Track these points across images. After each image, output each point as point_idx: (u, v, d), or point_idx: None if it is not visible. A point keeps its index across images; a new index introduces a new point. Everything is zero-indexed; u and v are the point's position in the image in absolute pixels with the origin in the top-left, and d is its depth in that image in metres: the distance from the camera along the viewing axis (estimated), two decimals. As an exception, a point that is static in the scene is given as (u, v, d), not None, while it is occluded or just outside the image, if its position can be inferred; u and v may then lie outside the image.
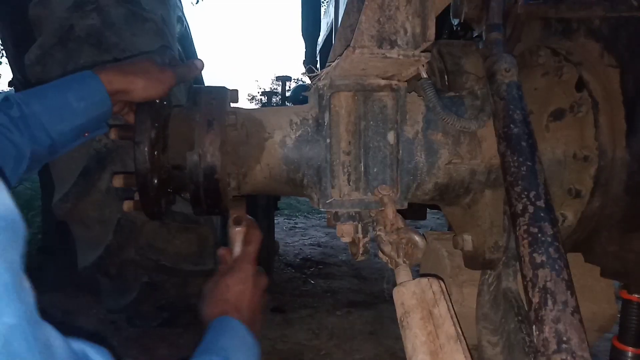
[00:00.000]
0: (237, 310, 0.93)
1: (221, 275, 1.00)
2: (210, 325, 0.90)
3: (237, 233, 1.07)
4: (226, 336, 0.88)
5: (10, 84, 4.16)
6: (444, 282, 0.89)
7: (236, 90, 1.10)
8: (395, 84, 1.02)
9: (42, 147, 0.87)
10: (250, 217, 1.09)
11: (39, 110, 0.86)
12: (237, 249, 1.06)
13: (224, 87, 1.09)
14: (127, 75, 0.93)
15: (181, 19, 3.52)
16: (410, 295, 0.86)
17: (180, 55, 3.47)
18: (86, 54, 2.56)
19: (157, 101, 1.00)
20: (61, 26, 2.61)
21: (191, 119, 1.02)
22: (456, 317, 0.85)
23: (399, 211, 1.01)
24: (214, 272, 1.04)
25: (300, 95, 4.95)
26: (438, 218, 7.04)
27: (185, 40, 3.79)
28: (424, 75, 0.98)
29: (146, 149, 0.94)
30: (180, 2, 3.55)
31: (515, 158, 0.87)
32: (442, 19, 1.27)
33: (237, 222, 1.08)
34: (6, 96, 0.86)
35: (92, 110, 0.91)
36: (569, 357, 0.68)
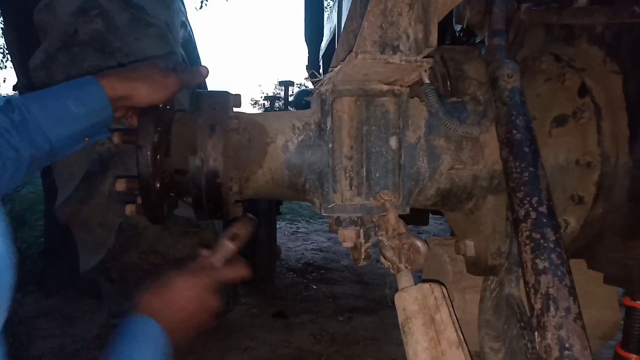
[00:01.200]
0: (163, 315, 0.93)
1: (182, 272, 1.00)
2: (128, 324, 0.90)
3: (227, 248, 1.06)
4: (137, 342, 0.88)
5: (14, 87, 4.18)
6: (446, 288, 0.89)
7: (239, 95, 1.10)
8: (398, 89, 1.02)
9: (41, 152, 0.87)
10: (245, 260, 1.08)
11: (38, 115, 0.85)
12: (218, 262, 1.05)
13: (226, 92, 1.09)
14: (130, 81, 0.94)
15: (185, 24, 3.54)
16: (412, 300, 0.86)
17: (184, 59, 3.49)
18: (90, 58, 2.58)
19: (160, 105, 1.00)
20: (66, 31, 2.62)
21: (194, 124, 1.02)
22: (458, 323, 0.85)
23: (400, 216, 1.01)
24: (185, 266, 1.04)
25: (302, 100, 4.97)
26: (440, 223, 7.03)
27: (189, 45, 3.81)
28: (427, 80, 0.98)
29: (149, 153, 0.95)
30: (184, 7, 3.57)
31: (517, 164, 0.87)
32: (445, 25, 1.27)
33: (232, 238, 1.07)
34: (8, 99, 0.86)
35: (92, 116, 0.91)
36: (571, 364, 0.67)
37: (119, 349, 0.86)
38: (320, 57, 5.21)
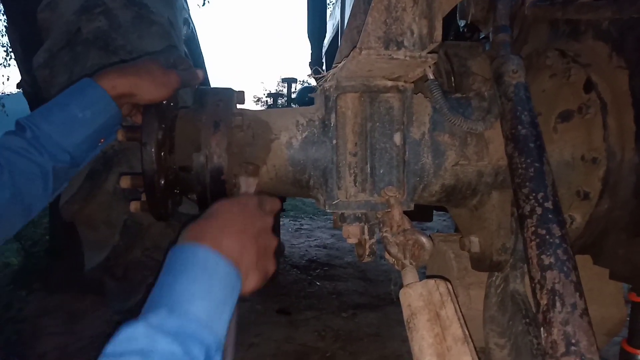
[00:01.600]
0: (214, 237, 0.70)
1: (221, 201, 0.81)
2: (170, 256, 0.68)
3: (250, 183, 0.95)
4: (185, 276, 0.65)
5: (18, 85, 4.20)
6: (451, 284, 0.89)
7: (242, 92, 1.10)
8: (402, 85, 1.02)
9: (63, 163, 0.90)
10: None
11: (48, 129, 0.87)
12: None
13: (230, 89, 1.09)
14: (130, 78, 0.94)
15: (188, 21, 3.54)
16: (417, 296, 0.86)
17: (187, 57, 3.49)
18: (93, 56, 2.58)
19: (164, 102, 1.00)
20: (69, 29, 2.63)
21: (198, 121, 1.02)
22: (463, 319, 0.85)
23: (405, 212, 1.01)
24: None
25: (306, 96, 4.96)
26: (444, 220, 7.02)
27: (192, 42, 3.81)
28: (431, 76, 0.98)
29: (153, 150, 0.95)
30: (187, 4, 3.57)
31: (523, 159, 0.87)
32: (449, 21, 1.26)
33: (253, 174, 0.96)
34: (17, 122, 0.89)
35: (98, 118, 0.92)
36: (577, 360, 0.67)
37: (164, 283, 0.65)
38: (323, 53, 5.21)
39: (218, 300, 0.65)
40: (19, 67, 4.20)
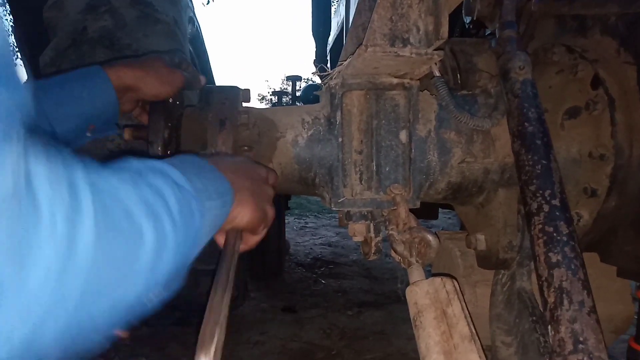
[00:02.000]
0: (211, 162, 0.70)
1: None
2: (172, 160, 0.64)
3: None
4: (179, 163, 0.61)
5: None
6: (457, 282, 0.89)
7: (248, 90, 1.10)
8: (408, 83, 1.02)
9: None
10: None
11: (42, 98, 0.86)
12: None
13: (236, 87, 1.10)
14: (136, 71, 0.94)
15: (193, 20, 3.54)
16: (423, 294, 0.86)
17: (192, 55, 3.49)
18: (99, 55, 2.59)
19: (170, 101, 1.01)
20: (75, 28, 2.64)
21: (204, 119, 1.02)
22: (470, 317, 0.85)
23: (411, 210, 1.01)
24: None
25: (310, 94, 4.96)
26: (449, 218, 7.00)
27: (197, 40, 3.81)
28: (437, 73, 0.98)
29: (160, 148, 0.95)
30: (192, 2, 3.57)
31: (530, 156, 0.86)
32: (455, 17, 1.26)
33: (248, 151, 1.00)
34: None
35: (94, 100, 0.91)
36: (585, 358, 0.67)
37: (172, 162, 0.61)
38: (327, 51, 5.20)
39: (208, 186, 0.62)
40: (25, 66, 4.22)
